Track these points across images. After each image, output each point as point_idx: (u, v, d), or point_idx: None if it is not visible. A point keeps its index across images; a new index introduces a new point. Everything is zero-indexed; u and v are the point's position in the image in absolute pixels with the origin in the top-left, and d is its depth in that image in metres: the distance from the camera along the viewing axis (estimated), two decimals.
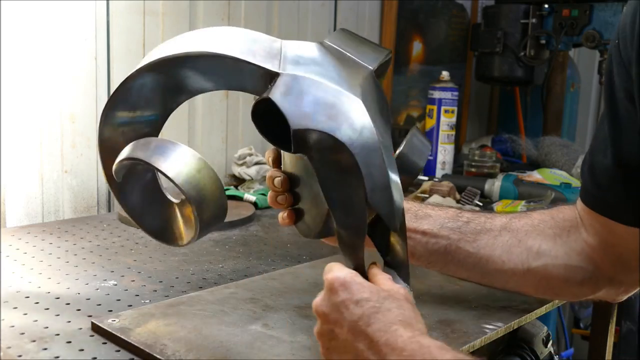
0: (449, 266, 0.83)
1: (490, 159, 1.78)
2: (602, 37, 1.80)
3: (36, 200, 1.24)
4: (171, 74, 0.71)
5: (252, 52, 0.68)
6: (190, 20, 1.45)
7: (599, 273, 0.80)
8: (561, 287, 0.82)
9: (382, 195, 0.68)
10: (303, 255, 1.08)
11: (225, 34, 0.71)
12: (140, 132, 0.73)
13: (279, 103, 0.66)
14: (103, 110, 0.71)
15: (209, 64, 0.70)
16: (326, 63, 0.70)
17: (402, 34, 2.03)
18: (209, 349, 0.70)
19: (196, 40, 0.71)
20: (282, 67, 0.68)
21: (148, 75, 0.70)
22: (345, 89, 0.69)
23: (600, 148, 0.74)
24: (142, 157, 0.68)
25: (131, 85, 0.71)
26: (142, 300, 0.87)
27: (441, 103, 1.80)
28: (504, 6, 1.99)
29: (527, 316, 0.85)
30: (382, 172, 0.68)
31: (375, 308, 0.62)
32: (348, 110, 0.67)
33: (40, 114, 1.22)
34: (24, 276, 0.93)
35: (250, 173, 1.48)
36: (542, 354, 1.05)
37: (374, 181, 0.67)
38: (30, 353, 0.70)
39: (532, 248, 0.81)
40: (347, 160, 0.67)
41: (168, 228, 0.77)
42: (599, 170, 0.74)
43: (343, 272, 0.66)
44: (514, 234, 0.82)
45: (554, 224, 0.82)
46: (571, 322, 2.45)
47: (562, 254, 0.80)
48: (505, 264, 0.81)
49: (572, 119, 2.31)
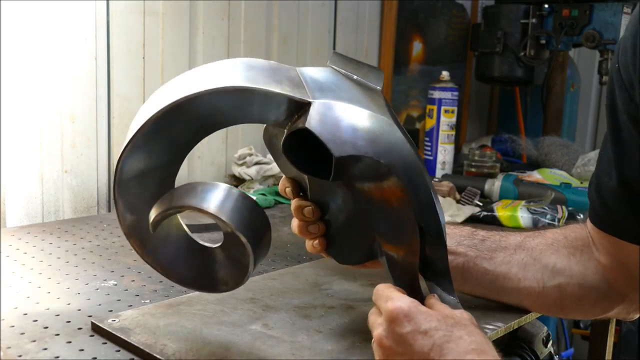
0: (466, 284, 0.83)
1: (490, 159, 1.78)
2: (602, 37, 1.80)
3: (36, 200, 1.24)
4: (189, 115, 0.66)
5: (278, 82, 0.66)
6: (190, 20, 1.45)
7: (612, 292, 0.80)
8: (575, 307, 0.82)
9: (430, 214, 0.69)
10: (303, 255, 1.08)
11: (243, 66, 0.67)
12: (159, 178, 0.70)
13: (317, 132, 0.64)
14: (118, 161, 0.68)
15: (234, 99, 0.66)
16: (347, 87, 0.69)
17: (402, 34, 2.03)
18: (209, 349, 0.70)
19: (212, 75, 0.66)
20: (311, 95, 0.66)
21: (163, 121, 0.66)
22: (375, 111, 0.68)
23: (605, 170, 0.74)
24: (194, 205, 0.65)
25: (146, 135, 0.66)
26: (142, 300, 0.86)
27: (441, 103, 1.80)
28: (504, 6, 2.00)
29: (527, 316, 0.85)
30: (426, 191, 0.68)
31: (446, 337, 0.61)
32: (384, 132, 0.67)
33: (40, 114, 1.22)
34: (24, 276, 0.93)
35: (250, 173, 1.48)
36: (542, 354, 1.05)
37: (420, 201, 0.68)
38: (30, 353, 0.70)
39: (548, 266, 0.81)
40: (392, 183, 0.66)
41: (207, 275, 0.74)
42: (605, 192, 0.75)
43: (404, 301, 0.64)
44: (529, 252, 0.83)
45: (568, 243, 0.83)
46: (571, 322, 2.45)
47: (577, 273, 0.81)
48: (521, 282, 0.82)
49: (572, 119, 2.31)
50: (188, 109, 0.65)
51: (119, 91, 1.33)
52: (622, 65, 0.69)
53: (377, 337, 0.64)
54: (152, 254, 0.73)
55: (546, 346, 1.05)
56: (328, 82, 0.69)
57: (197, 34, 1.47)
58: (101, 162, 1.34)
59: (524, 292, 0.82)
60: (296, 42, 1.71)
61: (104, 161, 1.34)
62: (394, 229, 0.69)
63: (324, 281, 0.94)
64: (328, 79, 0.70)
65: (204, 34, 1.48)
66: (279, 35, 1.66)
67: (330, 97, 0.67)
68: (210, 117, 0.68)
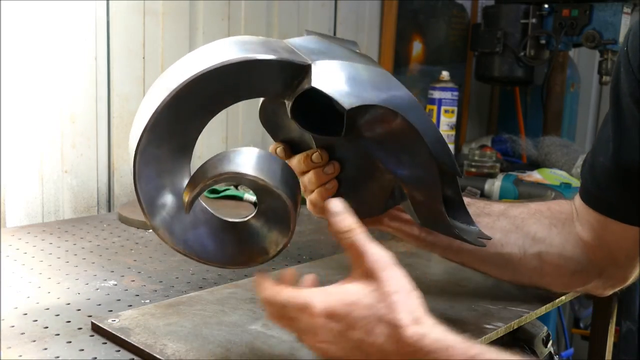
0: (450, 249, 0.84)
1: (490, 159, 1.78)
2: (602, 37, 1.81)
3: (36, 200, 1.24)
4: (196, 97, 0.67)
5: (274, 51, 0.68)
6: (190, 20, 1.45)
7: (590, 266, 0.83)
8: (553, 275, 0.84)
9: (441, 147, 0.72)
10: (303, 255, 1.08)
11: (236, 42, 0.69)
12: (175, 165, 0.70)
13: (325, 89, 0.66)
14: (136, 151, 0.66)
15: (238, 72, 0.67)
16: (335, 49, 0.72)
17: (402, 34, 2.02)
18: (209, 349, 0.70)
19: (210, 55, 0.67)
20: (308, 58, 0.69)
21: (174, 106, 0.66)
22: (370, 64, 0.72)
23: (602, 149, 0.76)
24: (232, 169, 0.66)
25: (158, 124, 0.66)
26: (142, 300, 0.87)
27: (441, 103, 1.80)
28: (504, 6, 2.00)
29: (527, 316, 0.85)
30: (432, 127, 0.72)
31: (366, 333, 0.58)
32: (383, 81, 0.70)
33: (40, 114, 1.22)
34: (24, 276, 0.93)
35: None
36: (542, 354, 1.05)
37: (430, 135, 0.71)
38: (30, 353, 0.70)
39: (529, 234, 0.83)
40: (402, 124, 0.69)
41: (244, 251, 0.73)
42: (599, 170, 0.77)
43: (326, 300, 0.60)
44: (511, 220, 0.84)
45: (550, 215, 0.85)
46: (571, 322, 2.45)
47: (557, 243, 0.83)
48: (503, 248, 0.83)
49: (572, 119, 2.31)
50: (196, 89, 0.65)
51: (119, 91, 1.33)
52: (630, 48, 0.71)
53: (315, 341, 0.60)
54: (182, 243, 0.71)
55: (546, 346, 1.05)
56: (318, 46, 0.72)
57: (197, 34, 1.47)
58: (101, 162, 1.34)
59: (505, 257, 0.84)
60: None
61: (104, 161, 1.34)
62: (411, 168, 0.73)
63: (324, 281, 0.94)
64: (316, 44, 0.72)
65: (204, 34, 1.48)
66: (279, 35, 1.66)
67: (326, 58, 0.69)
68: (216, 96, 0.69)
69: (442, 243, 0.83)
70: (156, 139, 0.67)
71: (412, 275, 0.60)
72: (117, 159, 1.35)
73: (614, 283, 0.86)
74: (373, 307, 0.58)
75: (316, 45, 0.72)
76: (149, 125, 0.65)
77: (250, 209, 1.32)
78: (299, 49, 0.70)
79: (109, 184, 1.35)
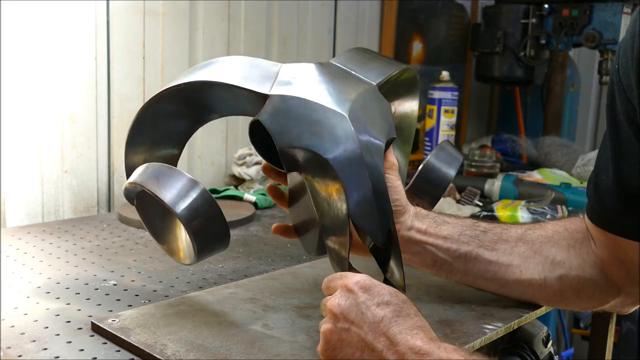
0: (468, 275, 0.84)
1: (490, 159, 1.78)
2: (602, 37, 1.81)
3: (36, 200, 1.24)
4: (180, 103, 0.76)
5: (247, 77, 0.71)
6: (190, 20, 1.45)
7: (609, 285, 0.81)
8: (574, 298, 0.83)
9: (366, 210, 0.69)
10: (303, 255, 1.08)
11: (227, 64, 0.74)
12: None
13: (265, 123, 0.68)
14: (126, 145, 0.77)
15: (208, 93, 0.74)
16: (320, 82, 0.72)
17: (402, 34, 2.02)
18: (209, 349, 0.70)
19: (198, 72, 0.74)
20: (272, 89, 0.70)
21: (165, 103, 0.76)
22: (333, 105, 0.70)
23: (603, 168, 0.75)
24: (139, 182, 0.70)
25: (145, 118, 0.76)
26: (142, 300, 0.87)
27: (441, 103, 1.80)
28: (504, 6, 2.00)
29: (527, 316, 0.85)
30: (365, 186, 0.69)
31: (396, 311, 0.64)
32: (332, 125, 0.69)
33: (40, 114, 1.22)
34: (24, 276, 0.93)
35: (250, 173, 1.48)
36: (542, 354, 1.05)
37: (357, 196, 0.68)
38: (30, 353, 0.70)
39: (548, 258, 0.82)
40: (331, 175, 0.68)
41: (175, 245, 0.81)
42: (602, 189, 0.76)
43: (360, 275, 0.67)
44: (529, 245, 0.83)
45: (568, 236, 0.84)
46: (571, 322, 2.45)
47: (576, 265, 0.82)
48: (523, 274, 0.83)
49: (572, 119, 2.31)
50: (179, 96, 0.74)
51: (119, 91, 1.33)
52: (621, 67, 0.70)
53: (330, 304, 0.66)
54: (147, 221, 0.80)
55: (546, 346, 1.05)
56: (302, 77, 0.72)
57: (197, 34, 1.47)
58: (101, 162, 1.34)
59: (525, 284, 0.83)
60: (296, 42, 1.71)
61: (104, 161, 1.34)
62: (330, 221, 0.70)
63: None
64: (305, 74, 0.72)
65: (204, 34, 1.48)
66: (279, 35, 1.66)
67: (289, 91, 0.70)
68: (200, 107, 0.76)
69: (460, 268, 0.83)
70: (143, 137, 0.78)
71: (413, 275, 0.60)
72: (117, 158, 1.35)
73: (634, 300, 0.84)
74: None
75: (307, 75, 0.72)
76: (134, 122, 0.76)
77: (251, 208, 1.32)
78: (281, 78, 0.72)
79: (109, 184, 1.35)
